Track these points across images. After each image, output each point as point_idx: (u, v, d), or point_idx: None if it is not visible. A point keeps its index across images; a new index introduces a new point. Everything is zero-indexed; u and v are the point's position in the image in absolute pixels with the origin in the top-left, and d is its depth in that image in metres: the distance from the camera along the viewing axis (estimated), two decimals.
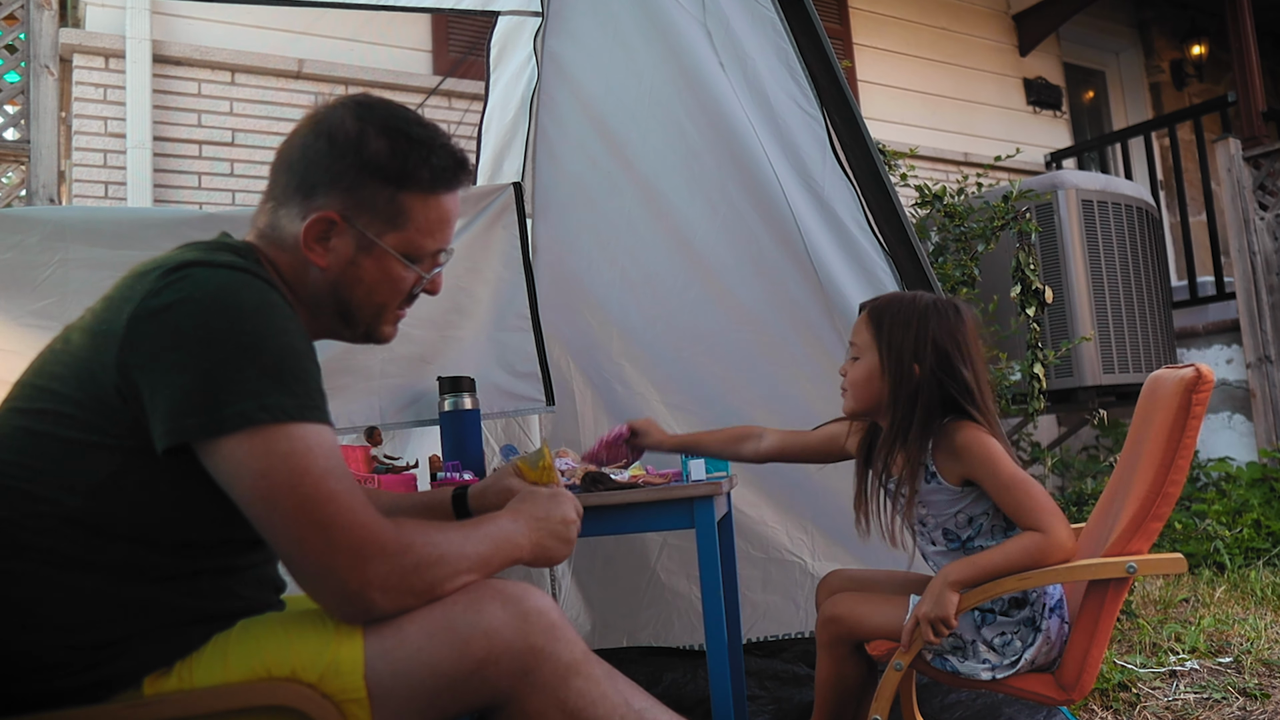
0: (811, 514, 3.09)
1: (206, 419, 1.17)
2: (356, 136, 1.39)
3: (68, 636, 1.21)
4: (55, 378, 1.26)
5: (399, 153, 1.40)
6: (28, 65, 4.35)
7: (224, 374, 1.17)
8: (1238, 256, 5.86)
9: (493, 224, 3.20)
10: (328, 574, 1.20)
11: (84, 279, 2.61)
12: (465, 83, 4.93)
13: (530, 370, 3.20)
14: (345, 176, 1.38)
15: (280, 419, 1.18)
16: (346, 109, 1.42)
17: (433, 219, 1.45)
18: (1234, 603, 3.59)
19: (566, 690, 1.28)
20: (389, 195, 1.41)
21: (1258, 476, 5.32)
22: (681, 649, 3.36)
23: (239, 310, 1.21)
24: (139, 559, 1.24)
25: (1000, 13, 7.84)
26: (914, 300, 2.02)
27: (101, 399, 1.21)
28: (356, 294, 1.44)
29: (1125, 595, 1.92)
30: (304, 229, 1.38)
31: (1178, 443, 1.85)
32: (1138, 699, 2.61)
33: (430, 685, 1.25)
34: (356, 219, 1.40)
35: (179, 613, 1.27)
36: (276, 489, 1.17)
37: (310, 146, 1.40)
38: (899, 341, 1.97)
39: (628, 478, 2.28)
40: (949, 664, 1.99)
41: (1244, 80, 6.13)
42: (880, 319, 2.01)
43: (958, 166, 6.90)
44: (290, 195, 1.41)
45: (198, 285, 1.21)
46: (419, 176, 1.42)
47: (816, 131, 2.69)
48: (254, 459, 1.17)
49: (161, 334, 1.19)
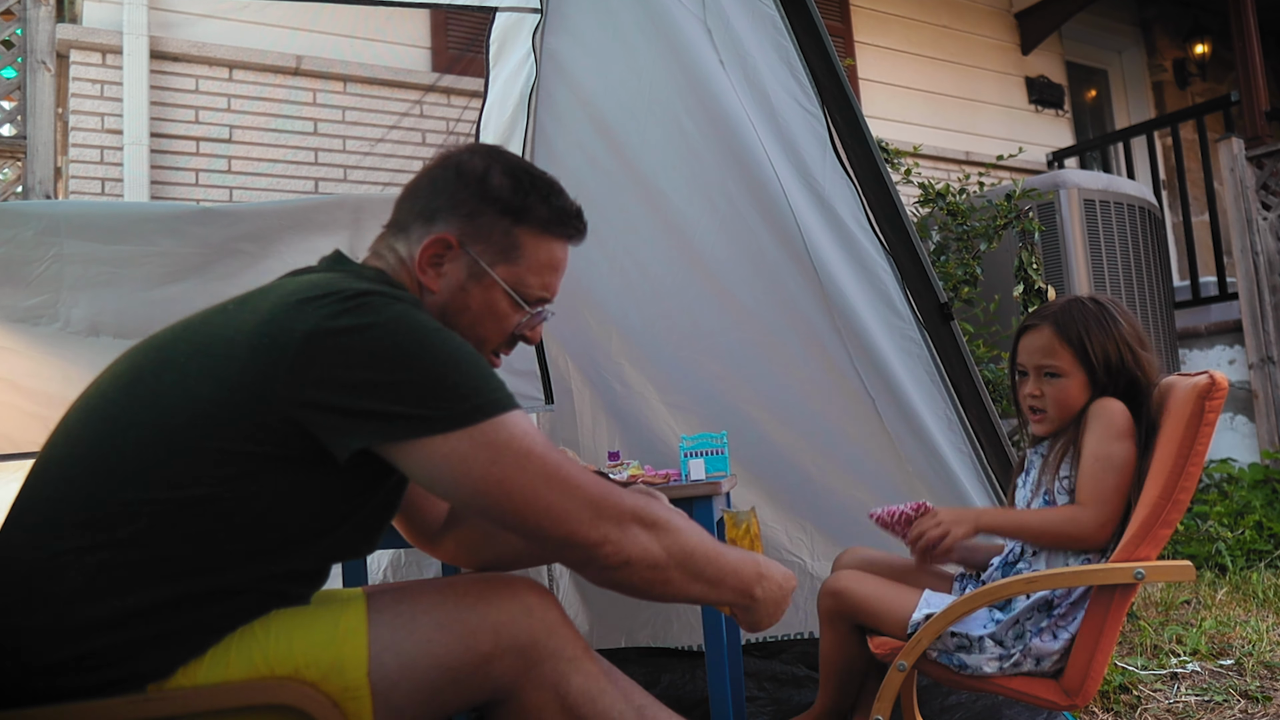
0: (811, 514, 3.09)
1: (419, 422, 1.21)
2: (483, 170, 1.48)
3: (96, 637, 1.20)
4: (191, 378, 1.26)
5: (520, 188, 1.49)
6: (24, 61, 4.35)
7: (429, 384, 1.22)
8: (1240, 257, 5.85)
9: None
10: (578, 529, 1.26)
11: (78, 274, 2.61)
12: (464, 79, 4.93)
13: (529, 369, 3.20)
14: (466, 204, 1.46)
15: (494, 413, 1.24)
16: (476, 150, 1.52)
17: (543, 260, 1.52)
18: (1236, 605, 3.59)
19: (567, 686, 1.29)
20: (505, 227, 1.48)
21: (1260, 478, 5.31)
22: (680, 649, 3.36)
23: (425, 331, 1.26)
24: (218, 562, 1.25)
25: (1002, 11, 7.83)
26: (1093, 305, 2.03)
27: (256, 410, 1.22)
28: (461, 322, 1.49)
29: (1131, 601, 1.91)
30: (420, 250, 1.45)
31: (1190, 449, 1.84)
32: (1139, 701, 2.61)
33: (435, 678, 1.27)
34: (471, 245, 1.46)
35: (210, 626, 1.27)
36: (509, 471, 1.23)
37: (438, 179, 1.49)
38: (1101, 349, 1.98)
39: (626, 477, 2.27)
40: (955, 659, 1.98)
41: (1247, 79, 6.12)
42: (1075, 333, 2.00)
43: (959, 165, 6.89)
44: (411, 221, 1.48)
45: (379, 311, 1.25)
46: (537, 213, 1.50)
47: (817, 130, 2.69)
48: (480, 450, 1.22)
49: (352, 354, 1.22)
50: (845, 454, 2.92)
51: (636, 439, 3.29)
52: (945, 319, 2.68)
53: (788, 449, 3.01)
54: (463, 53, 5.24)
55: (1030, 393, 2.06)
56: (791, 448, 3.00)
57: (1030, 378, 2.06)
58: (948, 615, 1.89)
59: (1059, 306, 2.06)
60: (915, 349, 2.72)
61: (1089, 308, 2.02)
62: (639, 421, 3.30)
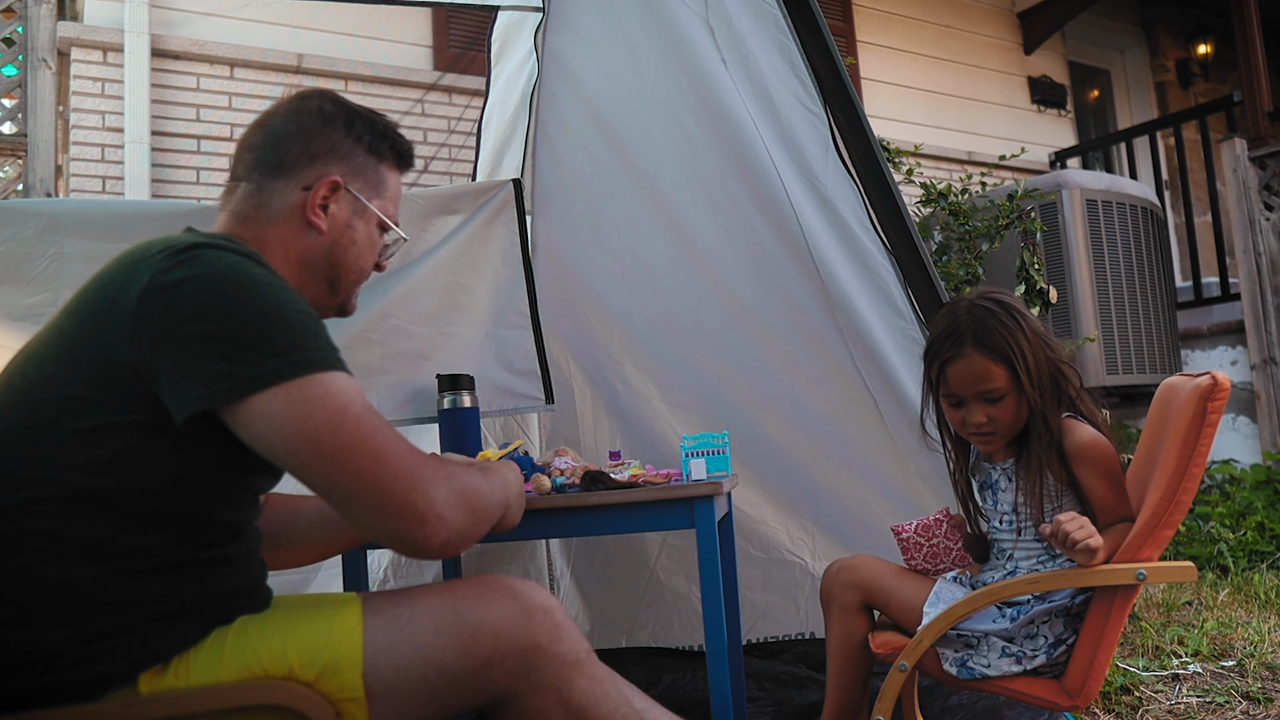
0: (813, 514, 3.08)
1: (237, 381, 1.20)
2: (345, 114, 1.57)
3: (59, 630, 1.20)
4: (50, 361, 1.27)
5: (377, 130, 1.60)
6: (25, 59, 4.35)
7: (248, 338, 1.21)
8: (1243, 257, 5.84)
9: (492, 220, 3.19)
10: (391, 500, 1.23)
11: (79, 272, 2.60)
12: (465, 78, 4.93)
13: (529, 368, 3.19)
14: (341, 146, 1.55)
15: (311, 370, 1.23)
16: (319, 95, 1.60)
17: (396, 190, 1.66)
18: (1237, 606, 3.58)
19: (570, 689, 1.29)
20: (374, 164, 1.59)
21: (1262, 479, 5.31)
22: (681, 650, 3.35)
23: (252, 283, 1.25)
24: (140, 540, 1.25)
25: (1005, 10, 7.83)
26: (1000, 309, 1.96)
27: (111, 376, 1.23)
28: (348, 257, 1.57)
29: (1133, 602, 1.91)
30: (312, 195, 1.51)
31: (1192, 450, 1.84)
32: (1140, 702, 2.61)
33: (432, 682, 1.26)
34: (352, 183, 1.56)
35: (169, 603, 1.27)
36: (321, 431, 1.21)
37: (302, 123, 1.54)
38: (1025, 352, 1.92)
39: (628, 477, 2.27)
40: (961, 659, 1.97)
41: (1250, 80, 6.12)
42: (1002, 350, 1.92)
43: (962, 165, 6.89)
44: (282, 167, 1.52)
45: (210, 263, 1.25)
46: (392, 149, 1.63)
47: (819, 129, 2.68)
48: (293, 407, 1.20)
49: (180, 307, 1.22)
50: (847, 454, 2.92)
51: (638, 438, 3.29)
52: None
53: (789, 449, 3.00)
54: (464, 51, 5.24)
55: (976, 421, 1.98)
56: (793, 447, 3.00)
57: (970, 405, 1.98)
58: (949, 615, 1.89)
59: (971, 323, 1.95)
60: (917, 349, 2.71)
61: (999, 314, 1.94)
62: (640, 421, 3.30)
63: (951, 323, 1.99)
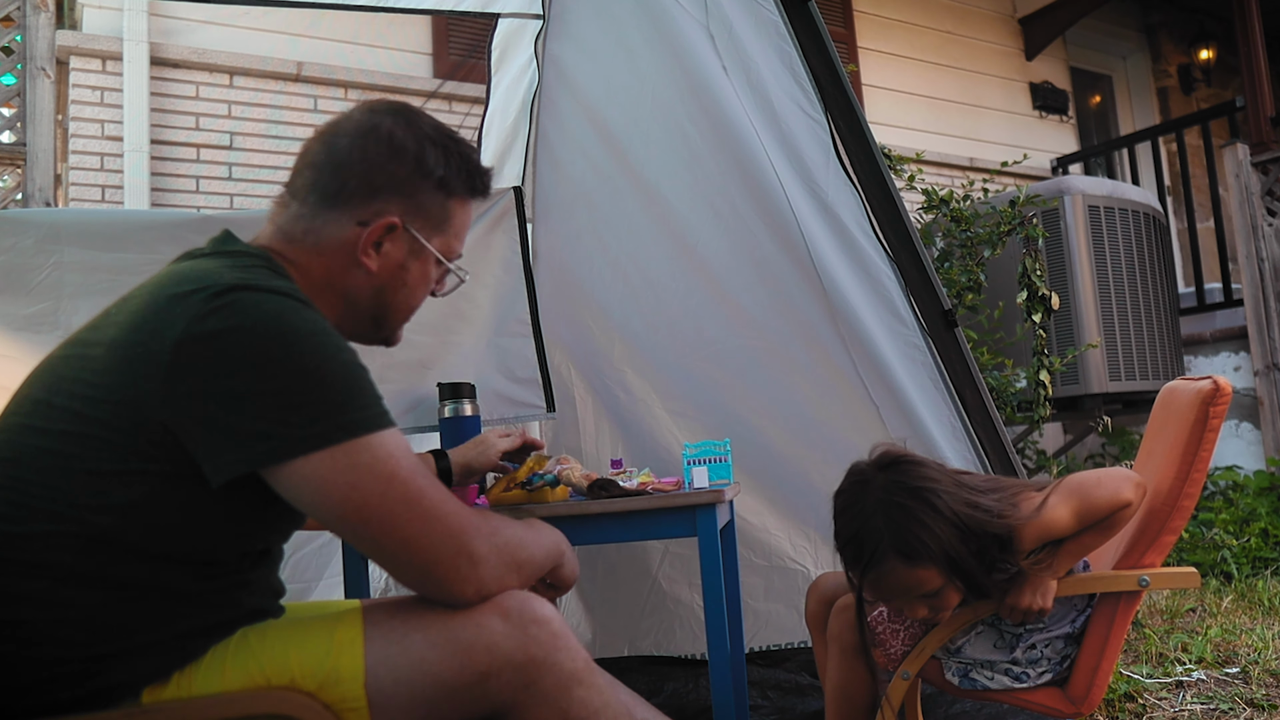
0: (815, 521, 3.08)
1: (278, 444, 1.18)
2: (417, 145, 1.44)
3: (73, 650, 1.20)
4: (78, 398, 1.22)
5: (450, 160, 1.47)
6: (24, 67, 4.36)
7: (292, 398, 1.18)
8: (1245, 263, 5.85)
9: (493, 228, 3.20)
10: (438, 564, 1.25)
11: (79, 282, 2.61)
12: (466, 86, 4.94)
13: (531, 376, 3.20)
14: (407, 183, 1.44)
15: (357, 433, 1.21)
16: (393, 116, 1.46)
17: (463, 222, 1.54)
18: (1241, 613, 3.58)
19: (569, 700, 1.29)
20: (440, 200, 1.48)
21: (1265, 485, 5.31)
22: (683, 658, 3.35)
23: (296, 334, 1.21)
24: (157, 576, 1.24)
25: (1006, 16, 7.84)
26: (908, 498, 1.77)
27: (139, 426, 1.19)
28: (398, 297, 1.50)
29: (1136, 609, 1.91)
30: (367, 233, 1.42)
31: (1194, 455, 1.84)
32: (1144, 709, 2.60)
33: (431, 694, 1.26)
34: (412, 223, 1.46)
35: (186, 624, 1.27)
36: (369, 498, 1.21)
37: (367, 151, 1.43)
38: (950, 544, 1.74)
39: (636, 484, 2.28)
40: (961, 670, 1.96)
41: (1252, 85, 6.12)
42: (925, 553, 1.73)
43: (963, 171, 6.90)
44: (339, 198, 1.42)
45: (249, 313, 1.20)
46: (463, 181, 1.50)
47: (820, 135, 2.69)
48: (340, 474, 1.19)
49: (216, 363, 1.17)
50: (849, 462, 2.90)
51: (639, 446, 3.29)
52: (949, 325, 2.68)
53: (791, 456, 3.01)
54: (464, 59, 5.25)
55: (919, 615, 1.85)
56: (795, 455, 3.00)
57: (909, 603, 1.83)
58: (951, 624, 1.89)
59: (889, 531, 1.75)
60: (919, 356, 2.72)
61: (914, 510, 1.75)
62: (641, 429, 3.30)
63: (862, 528, 1.80)
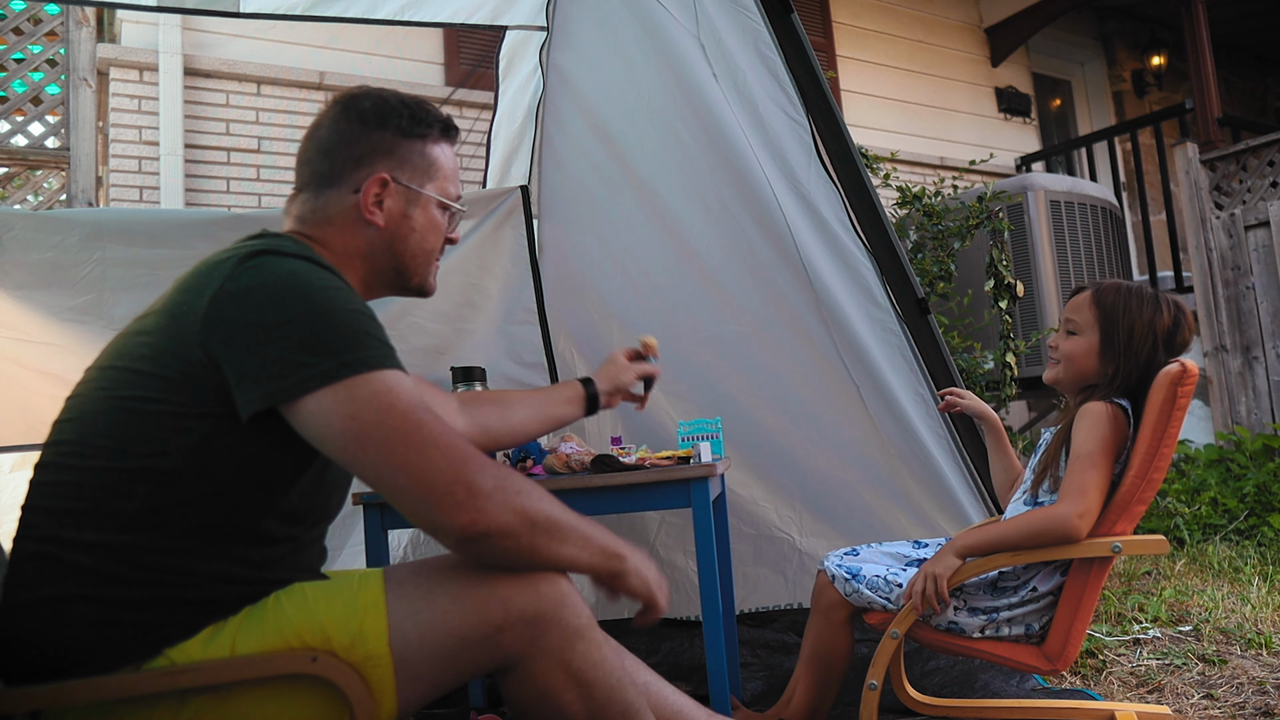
0: (799, 493, 3.08)
1: (290, 382, 1.19)
2: (379, 109, 1.50)
3: (119, 592, 1.22)
4: (138, 358, 1.27)
5: (415, 114, 1.52)
6: (67, 78, 4.34)
7: (302, 340, 1.20)
8: (1195, 253, 5.84)
9: (501, 224, 3.19)
10: (434, 488, 1.20)
11: (120, 276, 2.60)
12: (475, 93, 4.91)
13: (537, 360, 3.20)
14: (383, 143, 1.49)
15: (359, 370, 1.21)
16: (355, 97, 1.52)
17: (451, 165, 1.58)
18: (1193, 575, 3.58)
19: (571, 653, 1.29)
20: (419, 148, 1.52)
21: (1215, 458, 5.31)
22: (679, 620, 3.35)
23: (309, 287, 1.25)
24: (213, 521, 1.26)
25: (973, 26, 7.81)
26: (1147, 292, 1.97)
27: (188, 373, 1.23)
28: (410, 245, 1.52)
29: (1108, 573, 1.91)
30: (363, 195, 1.46)
31: (1164, 432, 1.84)
32: (1104, 665, 2.61)
33: (450, 647, 1.27)
34: (400, 175, 1.49)
35: (225, 579, 1.27)
36: (366, 427, 1.20)
37: (343, 131, 1.49)
38: (1128, 323, 1.93)
39: (636, 459, 2.28)
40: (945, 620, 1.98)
41: (1200, 88, 6.10)
42: (1108, 301, 1.96)
43: (934, 169, 6.88)
44: (333, 176, 1.48)
45: (272, 270, 1.25)
46: (433, 128, 1.54)
47: (803, 137, 2.68)
48: (340, 405, 1.19)
49: (243, 313, 1.22)
50: (831, 438, 2.92)
51: (637, 424, 3.28)
52: (923, 312, 2.68)
53: (778, 433, 3.00)
54: (474, 68, 5.22)
55: (1050, 345, 2.06)
56: (781, 432, 3.00)
57: (1059, 330, 2.05)
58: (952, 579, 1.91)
59: (1118, 282, 2.01)
60: (895, 340, 2.72)
61: (1138, 290, 1.97)
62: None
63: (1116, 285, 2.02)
